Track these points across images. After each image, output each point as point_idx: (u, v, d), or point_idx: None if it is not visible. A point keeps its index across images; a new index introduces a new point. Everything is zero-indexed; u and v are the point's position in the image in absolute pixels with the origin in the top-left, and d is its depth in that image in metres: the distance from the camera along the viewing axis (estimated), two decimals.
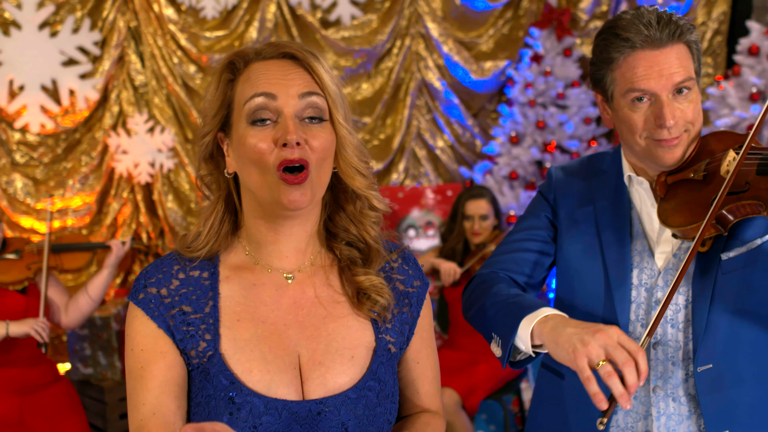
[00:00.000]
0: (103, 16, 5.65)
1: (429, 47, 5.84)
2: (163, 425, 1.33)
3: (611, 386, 1.38)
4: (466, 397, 3.78)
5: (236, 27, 5.76)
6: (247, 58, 1.39)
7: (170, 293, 1.40)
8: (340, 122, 1.38)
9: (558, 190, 1.90)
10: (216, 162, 1.44)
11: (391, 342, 1.46)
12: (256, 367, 1.36)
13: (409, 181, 5.92)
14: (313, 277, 1.45)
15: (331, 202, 1.49)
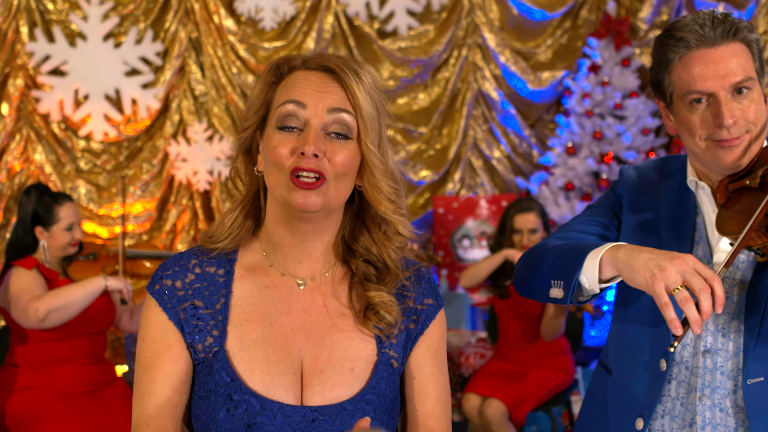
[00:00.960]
0: (165, 28, 5.89)
1: (486, 57, 5.99)
2: (164, 417, 1.41)
3: (687, 312, 1.43)
4: (514, 409, 3.84)
5: (294, 37, 5.97)
6: (292, 64, 1.45)
7: (184, 286, 1.46)
8: (368, 145, 1.40)
9: (627, 189, 1.91)
10: (251, 158, 1.50)
11: (394, 357, 1.48)
12: (258, 367, 1.42)
13: (465, 191, 6.06)
14: (323, 286, 1.49)
15: (356, 220, 1.52)
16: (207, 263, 1.48)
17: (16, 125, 5.77)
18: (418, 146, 6.11)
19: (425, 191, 6.16)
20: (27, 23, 5.69)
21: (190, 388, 1.45)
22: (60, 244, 3.47)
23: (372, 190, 1.44)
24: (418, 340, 1.51)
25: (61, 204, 3.49)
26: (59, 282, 3.42)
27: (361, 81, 1.41)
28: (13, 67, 5.70)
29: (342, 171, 1.38)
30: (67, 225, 3.47)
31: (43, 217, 3.45)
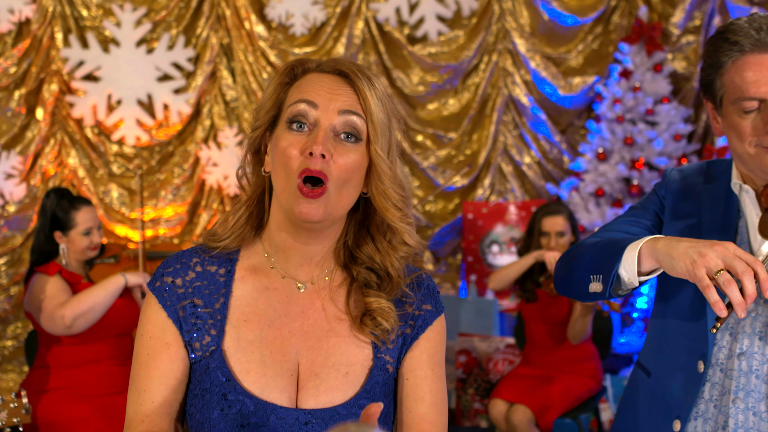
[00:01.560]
0: (196, 34, 6.03)
1: (516, 63, 6.05)
2: (159, 414, 1.44)
3: (730, 294, 1.44)
4: (540, 415, 3.86)
5: (324, 43, 6.07)
6: (306, 66, 1.47)
7: (185, 284, 1.48)
8: (377, 151, 1.42)
9: (670, 190, 1.92)
10: (259, 159, 1.51)
11: (389, 362, 1.50)
12: (254, 368, 1.43)
13: (495, 196, 6.11)
14: (322, 290, 1.51)
15: (360, 228, 1.53)
16: (208, 262, 1.50)
17: (51, 130, 5.93)
18: (448, 152, 6.19)
19: (455, 197, 6.22)
20: (62, 29, 5.85)
21: (186, 387, 1.47)
22: (79, 248, 3.55)
23: (379, 196, 1.45)
24: (413, 345, 1.51)
25: (78, 209, 3.54)
26: (82, 285, 3.50)
27: (373, 87, 1.43)
28: (48, 73, 5.86)
29: (345, 176, 1.39)
30: (84, 229, 3.53)
31: (62, 222, 3.52)
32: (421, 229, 6.14)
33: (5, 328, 5.86)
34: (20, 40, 5.82)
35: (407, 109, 6.15)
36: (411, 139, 6.19)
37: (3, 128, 5.84)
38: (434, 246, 6.21)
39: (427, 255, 6.19)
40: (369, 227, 1.52)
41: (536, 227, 4.10)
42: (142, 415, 1.44)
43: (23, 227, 5.86)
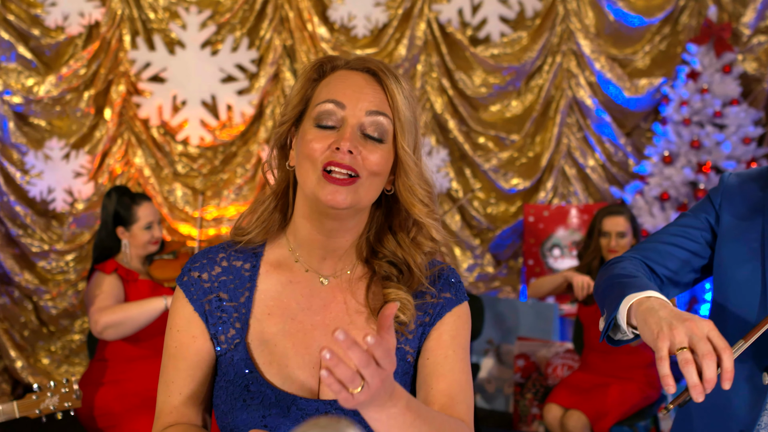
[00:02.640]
0: (260, 36, 6.22)
1: (581, 64, 6.09)
2: (186, 405, 1.52)
3: (686, 374, 1.41)
4: (596, 421, 3.91)
5: (386, 45, 6.20)
6: (335, 63, 1.52)
7: (210, 278, 1.54)
8: (404, 147, 1.48)
9: (726, 196, 1.91)
10: (284, 153, 1.56)
11: (410, 352, 1.54)
12: (277, 360, 1.49)
13: (557, 199, 6.16)
14: (344, 284, 1.56)
15: (383, 223, 1.58)
16: (234, 257, 1.57)
17: (118, 130, 6.19)
18: (510, 154, 6.26)
19: (517, 199, 6.28)
20: (130, 32, 6.11)
21: (212, 379, 1.55)
22: (140, 243, 3.76)
23: (406, 192, 1.51)
24: (430, 331, 1.55)
25: (139, 204, 3.76)
26: (138, 282, 3.69)
27: (400, 85, 1.48)
28: (116, 74, 6.13)
29: (376, 170, 1.45)
30: (146, 224, 3.74)
31: (124, 218, 3.73)
32: (482, 232, 6.23)
33: (73, 322, 6.14)
34: (90, 42, 6.10)
35: (469, 110, 6.24)
36: (473, 141, 6.27)
37: (73, 128, 6.12)
38: (495, 249, 6.28)
39: (487, 258, 6.27)
40: (392, 224, 1.58)
41: (597, 227, 4.15)
42: (171, 407, 1.52)
43: (91, 224, 6.13)
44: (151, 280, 3.77)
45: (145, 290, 3.68)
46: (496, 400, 5.68)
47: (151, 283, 3.75)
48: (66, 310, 6.11)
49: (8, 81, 5.98)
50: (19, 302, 6.12)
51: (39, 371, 6.06)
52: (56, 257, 6.12)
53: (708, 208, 1.94)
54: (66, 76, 6.03)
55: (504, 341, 5.72)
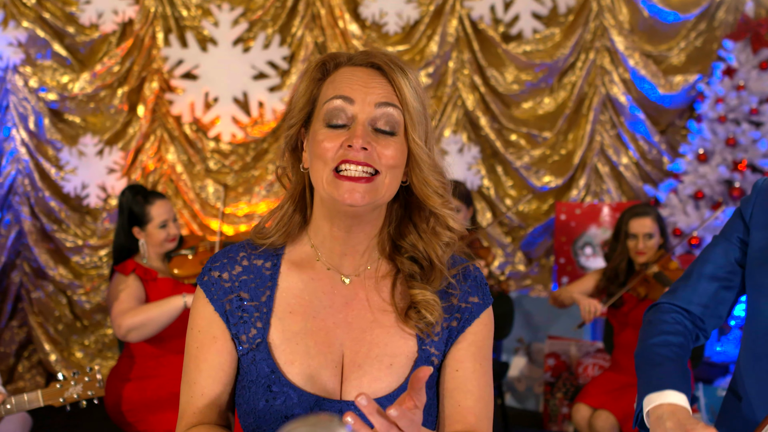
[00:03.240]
0: (291, 33, 6.28)
1: (614, 61, 6.06)
2: (208, 406, 1.52)
3: None
4: (625, 422, 3.89)
5: (418, 41, 6.22)
6: (338, 61, 1.51)
7: (231, 278, 1.54)
8: (415, 140, 1.47)
9: (759, 203, 1.89)
10: (297, 156, 1.56)
11: (435, 355, 1.53)
12: (299, 359, 1.49)
13: (590, 197, 6.13)
14: (366, 281, 1.56)
15: (403, 216, 1.58)
16: (255, 256, 1.57)
17: (151, 126, 6.29)
18: (543, 151, 6.25)
19: (549, 197, 6.27)
20: (163, 29, 6.20)
21: (234, 379, 1.55)
22: (157, 241, 3.77)
23: (420, 184, 1.50)
24: (459, 337, 1.55)
25: (151, 203, 3.75)
26: (158, 281, 3.73)
27: (407, 77, 1.48)
28: (149, 71, 6.22)
29: (392, 163, 1.45)
30: (160, 222, 3.75)
31: (138, 217, 3.74)
32: (513, 230, 6.23)
33: (106, 316, 6.25)
34: (123, 40, 6.20)
35: (501, 107, 6.25)
36: (504, 138, 6.28)
37: (106, 125, 6.23)
38: (527, 247, 6.28)
39: (519, 255, 6.27)
40: (411, 215, 1.57)
41: (623, 229, 4.12)
42: (194, 408, 1.52)
43: None
44: (170, 278, 3.79)
45: (165, 288, 3.71)
46: (527, 399, 5.68)
47: (171, 281, 3.77)
48: (99, 305, 6.22)
49: (44, 78, 6.11)
50: (54, 296, 6.25)
51: (72, 365, 6.19)
52: (90, 252, 6.23)
53: (738, 225, 1.95)
54: (100, 74, 6.14)
55: (535, 340, 5.72)
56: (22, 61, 6.04)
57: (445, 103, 6.24)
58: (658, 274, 3.96)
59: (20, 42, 6.01)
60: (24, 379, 6.24)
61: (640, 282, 4.02)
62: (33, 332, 6.21)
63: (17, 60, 6.00)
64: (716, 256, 1.97)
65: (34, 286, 6.23)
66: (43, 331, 6.22)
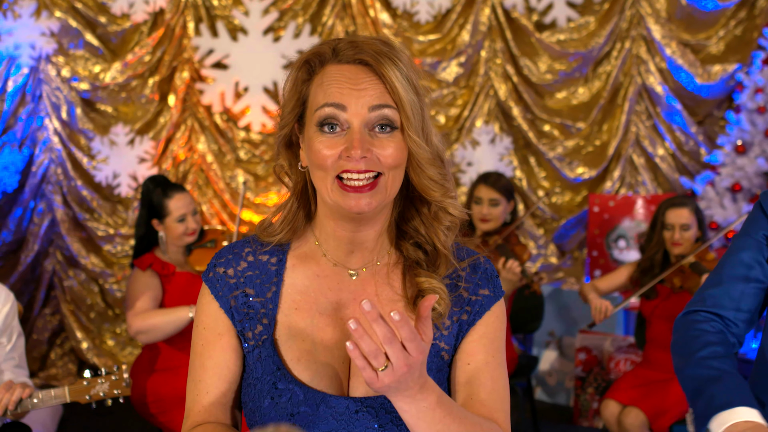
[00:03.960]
0: (322, 22, 6.26)
1: (651, 50, 5.96)
2: (214, 404, 1.50)
3: None
4: (654, 420, 3.83)
5: (449, 30, 6.17)
6: (323, 58, 1.46)
7: (236, 274, 1.53)
8: (413, 138, 1.43)
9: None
10: (293, 153, 1.53)
11: (444, 349, 1.51)
12: (305, 357, 1.47)
13: (624, 189, 6.05)
14: (376, 275, 1.53)
15: (405, 200, 1.55)
16: (260, 251, 1.55)
17: (182, 116, 6.32)
18: (576, 142, 6.17)
19: (582, 188, 6.19)
20: (193, 19, 6.22)
21: (240, 376, 1.53)
22: (175, 235, 3.75)
23: (420, 181, 1.48)
24: (470, 330, 1.53)
25: (170, 196, 3.73)
26: (176, 275, 3.72)
27: (397, 67, 1.42)
28: (180, 61, 6.25)
29: (393, 163, 1.43)
30: (179, 216, 3.73)
31: (157, 210, 3.73)
32: (545, 222, 6.17)
33: None
34: (155, 29, 6.24)
35: (534, 97, 6.18)
36: (537, 128, 6.21)
37: (138, 114, 6.27)
38: (559, 239, 6.22)
39: (551, 248, 6.20)
40: (413, 200, 1.55)
41: (660, 220, 4.08)
42: (199, 406, 1.51)
43: None
44: (188, 272, 3.78)
45: (183, 283, 3.71)
46: (557, 393, 5.63)
47: (188, 275, 3.77)
48: None
49: (76, 68, 6.16)
50: (86, 285, 6.32)
51: (104, 353, 6.26)
52: (121, 241, 6.29)
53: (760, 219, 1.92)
54: (131, 63, 6.18)
55: (566, 333, 5.66)
56: (55, 51, 6.10)
57: (477, 93, 6.18)
58: (694, 264, 3.90)
59: (53, 32, 6.07)
60: (56, 366, 6.33)
61: (675, 272, 3.97)
62: (65, 320, 6.29)
63: (50, 50, 6.06)
64: (744, 256, 1.92)
65: (67, 275, 6.31)
66: (75, 319, 6.30)
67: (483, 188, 4.36)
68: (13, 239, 6.23)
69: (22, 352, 3.33)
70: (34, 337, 6.28)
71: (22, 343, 3.32)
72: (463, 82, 6.24)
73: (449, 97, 6.26)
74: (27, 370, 3.32)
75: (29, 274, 6.27)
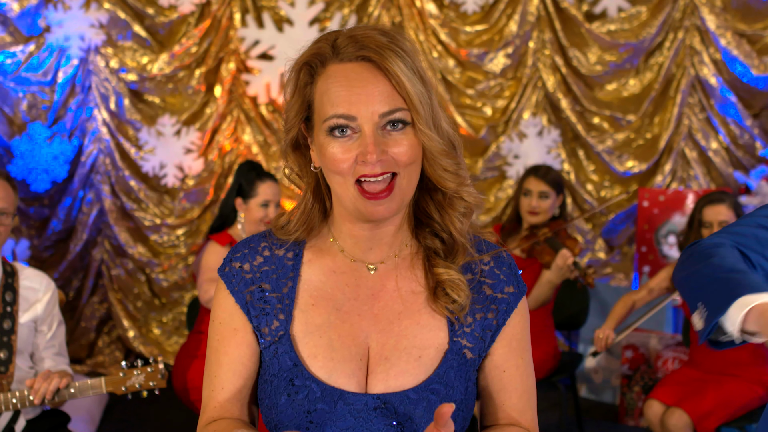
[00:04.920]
0: (368, 12, 6.23)
1: (705, 41, 5.81)
2: (229, 400, 1.49)
3: None
4: (699, 422, 3.73)
5: (497, 21, 6.09)
6: (323, 57, 1.42)
7: (252, 269, 1.51)
8: (423, 131, 1.40)
9: None
10: (302, 153, 1.52)
11: (467, 347, 1.48)
12: (322, 353, 1.45)
13: (676, 183, 5.91)
14: (396, 269, 1.51)
15: (419, 189, 1.51)
16: (277, 246, 1.54)
17: (228, 107, 6.34)
18: (627, 135, 6.04)
19: (632, 182, 6.07)
20: (240, 10, 6.23)
21: (256, 372, 1.52)
22: (254, 218, 3.85)
23: (434, 172, 1.45)
24: (500, 333, 1.51)
25: (263, 180, 3.87)
26: None
27: (402, 60, 1.39)
28: (226, 52, 6.27)
29: (408, 161, 1.40)
30: (263, 201, 3.85)
31: (245, 190, 3.85)
32: (594, 216, 6.05)
33: (183, 295, 6.37)
34: (201, 20, 6.27)
35: (583, 89, 6.06)
36: (586, 121, 6.10)
37: (184, 105, 6.31)
38: (607, 234, 6.10)
39: (599, 243, 6.09)
40: (428, 186, 1.52)
41: (697, 217, 3.97)
42: (215, 402, 1.50)
43: (200, 200, 6.32)
44: None
45: None
46: (603, 391, 5.54)
47: None
48: (176, 283, 6.34)
49: (124, 59, 6.22)
50: (133, 274, 6.39)
51: (150, 341, 6.33)
52: (168, 231, 6.35)
53: None
54: (178, 54, 6.22)
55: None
56: (104, 42, 6.17)
57: (525, 84, 6.09)
58: None
59: (102, 23, 6.14)
60: (103, 353, 6.42)
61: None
62: (113, 308, 6.38)
63: (99, 41, 6.13)
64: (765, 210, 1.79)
65: (114, 264, 6.39)
66: (122, 307, 6.38)
67: (533, 180, 4.31)
68: (63, 228, 6.33)
69: (63, 340, 3.37)
70: (83, 325, 6.39)
71: (62, 331, 3.36)
72: (510, 74, 6.15)
73: (496, 89, 6.18)
74: (67, 358, 3.36)
75: (78, 262, 6.37)
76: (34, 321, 3.28)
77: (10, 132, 6.22)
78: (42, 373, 2.97)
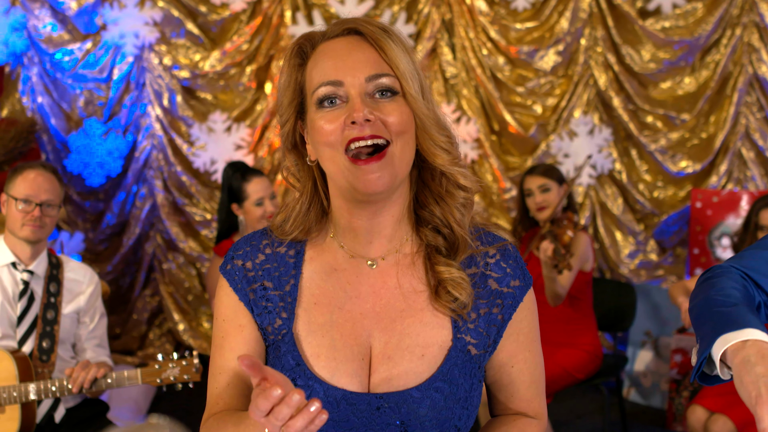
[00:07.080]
0: (418, 9, 6.17)
1: (764, 37, 5.63)
2: (233, 396, 1.47)
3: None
4: (743, 428, 3.61)
5: (548, 18, 5.99)
6: (314, 40, 1.44)
7: (254, 267, 1.49)
8: (413, 95, 1.39)
9: None
10: (299, 152, 1.50)
11: (471, 343, 1.46)
12: (324, 352, 1.43)
13: (732, 184, 5.74)
14: (397, 265, 1.48)
15: (417, 180, 1.49)
16: (278, 243, 1.52)
17: None
18: (681, 134, 5.88)
19: (686, 183, 5.91)
20: (290, 8, 6.24)
21: None
22: (254, 218, 3.82)
23: (425, 142, 1.42)
24: (507, 328, 1.49)
25: (248, 180, 3.80)
26: None
27: (388, 35, 1.40)
28: (276, 50, 6.29)
29: (401, 128, 1.38)
30: (257, 200, 3.80)
31: (236, 194, 3.80)
32: (646, 217, 5.91)
33: None
34: (253, 18, 6.29)
35: (636, 87, 5.92)
36: (639, 120, 5.95)
37: (235, 102, 6.35)
38: (660, 235, 5.95)
39: (651, 244, 5.94)
40: (425, 180, 1.49)
41: (753, 220, 3.85)
42: (218, 397, 1.48)
43: None
44: None
45: None
46: (652, 396, 5.40)
47: None
48: None
49: (177, 56, 6.29)
50: (184, 268, 6.46)
51: (200, 335, 6.39)
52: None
53: None
54: (229, 52, 6.26)
55: (662, 333, 5.42)
56: (157, 39, 6.25)
57: (576, 82, 5.97)
58: None
59: (155, 21, 6.21)
60: (154, 346, 6.51)
61: None
62: (164, 302, 6.46)
63: (153, 39, 6.21)
64: None
65: (166, 258, 6.47)
66: (173, 301, 6.46)
67: (529, 179, 4.28)
68: (117, 222, 6.44)
69: (104, 332, 3.42)
70: (134, 317, 6.48)
71: (104, 323, 3.41)
72: (561, 71, 6.04)
73: (546, 87, 6.08)
74: (108, 349, 3.41)
75: (131, 256, 6.47)
76: (77, 312, 3.33)
77: (67, 127, 6.35)
78: (80, 363, 3.02)
